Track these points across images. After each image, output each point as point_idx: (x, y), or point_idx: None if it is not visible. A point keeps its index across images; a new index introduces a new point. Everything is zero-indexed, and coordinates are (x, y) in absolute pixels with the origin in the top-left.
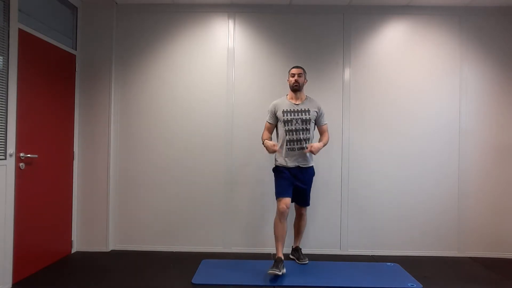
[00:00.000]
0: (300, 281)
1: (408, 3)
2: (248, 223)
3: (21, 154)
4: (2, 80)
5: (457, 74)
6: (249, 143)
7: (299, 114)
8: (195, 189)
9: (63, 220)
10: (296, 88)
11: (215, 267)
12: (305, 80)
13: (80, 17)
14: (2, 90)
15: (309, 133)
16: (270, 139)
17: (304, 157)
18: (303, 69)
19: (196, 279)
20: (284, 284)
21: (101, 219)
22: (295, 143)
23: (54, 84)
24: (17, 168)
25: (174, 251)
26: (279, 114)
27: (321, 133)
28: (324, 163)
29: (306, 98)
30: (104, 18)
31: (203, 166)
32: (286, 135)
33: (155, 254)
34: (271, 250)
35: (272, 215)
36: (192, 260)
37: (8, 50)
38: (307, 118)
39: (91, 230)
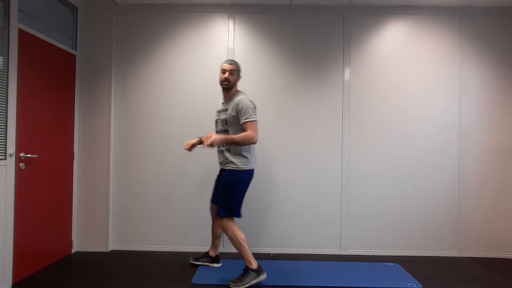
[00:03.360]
0: (300, 281)
1: (408, 3)
2: (247, 223)
3: (21, 154)
4: (2, 80)
5: (457, 74)
6: None
7: (221, 114)
8: (195, 189)
9: (63, 220)
10: (225, 87)
11: (215, 267)
12: (238, 77)
13: (80, 17)
14: (2, 90)
15: (228, 133)
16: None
17: (222, 158)
18: (236, 65)
19: (196, 279)
20: (284, 284)
21: (101, 219)
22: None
23: (54, 84)
24: (17, 168)
25: (174, 251)
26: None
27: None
28: (324, 163)
29: (232, 95)
30: (104, 18)
31: (203, 166)
32: (216, 130)
33: (155, 254)
34: (271, 250)
35: (271, 215)
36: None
37: (8, 50)
38: (224, 118)
39: (91, 230)
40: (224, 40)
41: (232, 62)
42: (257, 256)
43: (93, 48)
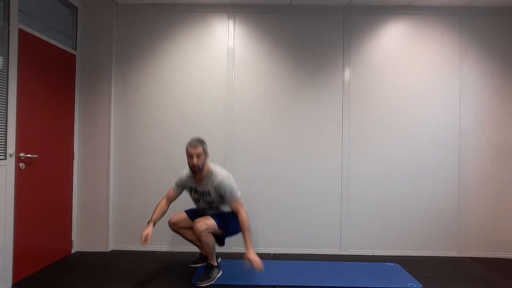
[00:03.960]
0: (300, 281)
1: (408, 3)
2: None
3: (21, 154)
4: (2, 80)
5: (457, 74)
6: (249, 143)
7: (202, 196)
8: None
9: (63, 220)
10: (195, 171)
11: None
12: (207, 156)
13: (80, 17)
14: (2, 90)
15: (219, 209)
16: (160, 214)
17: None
18: (202, 144)
19: (196, 279)
20: (284, 284)
21: (101, 219)
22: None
23: (54, 84)
24: (17, 168)
25: (174, 251)
26: (187, 189)
27: (234, 213)
28: (324, 162)
29: (205, 175)
30: (104, 18)
31: None
32: (198, 207)
33: (155, 254)
34: (271, 250)
35: (271, 215)
36: (192, 260)
37: (8, 50)
38: (210, 200)
39: (91, 230)
40: (224, 40)
41: (197, 144)
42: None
43: (93, 48)
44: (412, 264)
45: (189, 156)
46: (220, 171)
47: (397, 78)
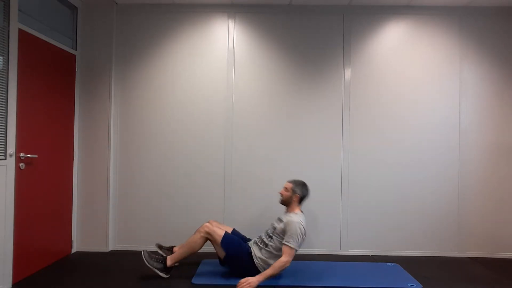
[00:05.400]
0: (300, 281)
1: (408, 3)
2: (247, 223)
3: (21, 154)
4: (2, 80)
5: (457, 74)
6: (249, 143)
7: (277, 222)
8: (195, 189)
9: (63, 220)
10: (281, 200)
11: (215, 267)
12: (294, 196)
13: (80, 17)
14: (2, 90)
15: (271, 240)
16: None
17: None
18: (295, 184)
19: (196, 279)
20: (284, 284)
21: (101, 219)
22: (260, 241)
23: (54, 84)
24: (17, 168)
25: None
26: None
27: (282, 253)
28: (325, 163)
29: (289, 212)
30: (104, 18)
31: (203, 166)
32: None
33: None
34: None
35: (270, 215)
36: (192, 260)
37: (8, 50)
38: (275, 225)
39: (91, 230)
40: (224, 40)
41: (291, 180)
42: None
43: (93, 48)
44: (412, 264)
45: None
46: (299, 217)
47: (397, 78)
